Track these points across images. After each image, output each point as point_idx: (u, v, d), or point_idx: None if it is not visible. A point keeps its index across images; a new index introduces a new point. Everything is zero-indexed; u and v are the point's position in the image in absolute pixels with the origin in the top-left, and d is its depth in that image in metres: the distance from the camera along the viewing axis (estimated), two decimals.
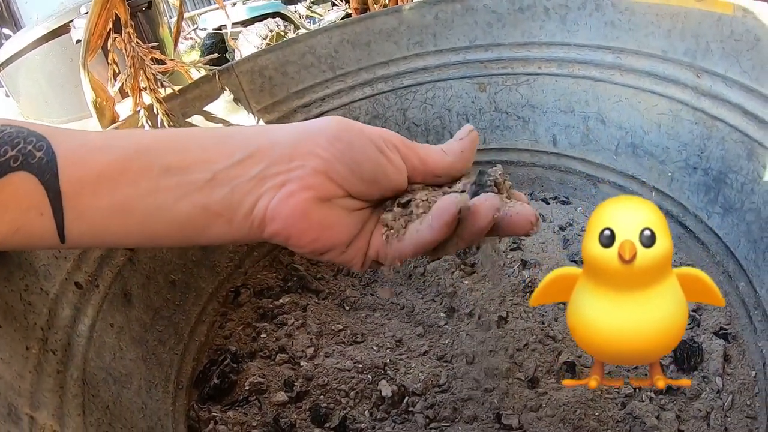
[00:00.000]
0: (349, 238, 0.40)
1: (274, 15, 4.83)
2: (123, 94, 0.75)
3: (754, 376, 0.57)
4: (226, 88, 0.84)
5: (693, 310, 0.64)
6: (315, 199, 0.37)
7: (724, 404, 0.54)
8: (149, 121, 0.72)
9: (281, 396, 0.62)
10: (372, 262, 0.42)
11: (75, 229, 0.37)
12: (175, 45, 0.95)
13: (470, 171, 0.43)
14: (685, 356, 0.58)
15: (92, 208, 0.37)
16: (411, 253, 0.39)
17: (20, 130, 0.37)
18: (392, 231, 0.40)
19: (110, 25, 0.72)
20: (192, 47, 5.46)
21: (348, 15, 4.86)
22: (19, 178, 0.36)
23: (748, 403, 0.54)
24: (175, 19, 0.97)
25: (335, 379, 0.63)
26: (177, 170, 0.37)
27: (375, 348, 0.67)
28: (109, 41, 0.72)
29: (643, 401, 0.56)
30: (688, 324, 0.63)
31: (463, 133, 0.42)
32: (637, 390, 0.57)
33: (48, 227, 0.37)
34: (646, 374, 0.58)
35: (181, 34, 5.36)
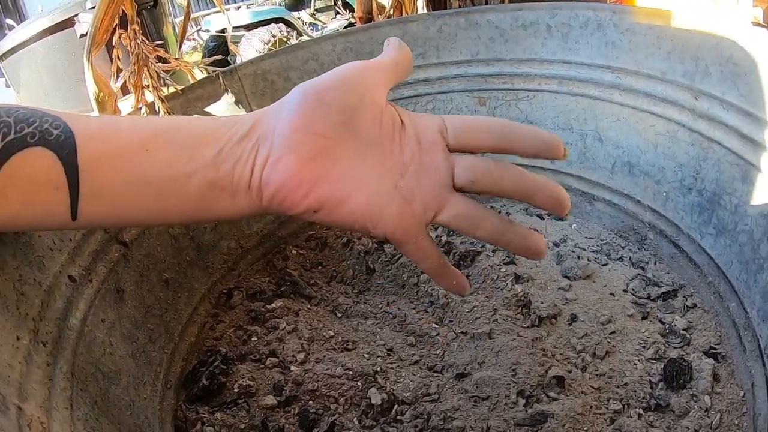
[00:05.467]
0: (352, 188, 0.41)
1: (277, 20, 4.86)
2: (125, 90, 0.75)
3: (743, 396, 0.57)
4: (229, 90, 0.84)
5: (684, 329, 0.65)
6: (300, 158, 0.40)
7: (712, 423, 0.55)
8: None
9: (270, 400, 0.62)
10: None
11: (88, 207, 0.39)
12: (180, 45, 0.95)
13: None
14: (675, 374, 0.58)
15: (109, 183, 0.39)
16: None
17: (34, 110, 0.38)
18: None
19: (117, 21, 0.72)
20: (194, 48, 5.47)
21: (351, 24, 4.89)
22: (36, 153, 0.37)
23: (736, 422, 0.55)
24: (179, 19, 0.98)
25: (325, 385, 0.63)
26: (190, 146, 0.40)
27: (366, 356, 0.67)
28: (115, 37, 0.72)
29: (631, 417, 0.56)
30: (678, 342, 0.63)
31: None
32: (626, 406, 0.58)
33: (61, 202, 0.38)
34: (635, 391, 0.58)
35: (186, 34, 5.38)
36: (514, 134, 0.44)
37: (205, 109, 0.82)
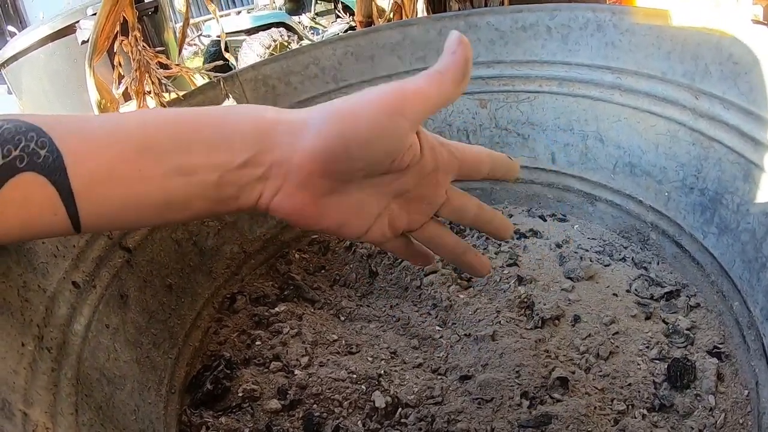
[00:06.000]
0: (352, 216, 0.44)
1: (278, 25, 4.87)
2: (127, 96, 0.75)
3: (747, 395, 0.57)
4: (230, 95, 0.84)
5: (687, 329, 0.65)
6: (313, 196, 0.41)
7: (716, 422, 0.54)
8: None
9: (274, 404, 0.62)
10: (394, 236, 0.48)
11: (90, 219, 0.38)
12: (180, 50, 0.96)
13: None
14: (678, 374, 0.58)
15: (106, 199, 0.37)
16: None
17: (17, 124, 0.36)
18: None
19: (118, 28, 0.72)
20: (195, 53, 5.48)
21: (351, 28, 4.90)
22: (28, 179, 0.36)
23: (740, 421, 0.55)
24: (180, 24, 0.98)
25: (329, 389, 0.63)
26: (186, 172, 0.38)
27: (369, 359, 0.67)
28: (116, 44, 0.72)
29: (636, 418, 0.56)
30: (682, 342, 0.63)
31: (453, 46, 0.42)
32: (630, 407, 0.57)
33: (63, 223, 0.37)
34: (639, 391, 0.58)
35: (186, 39, 5.39)
36: (501, 166, 0.50)
37: None
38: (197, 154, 0.38)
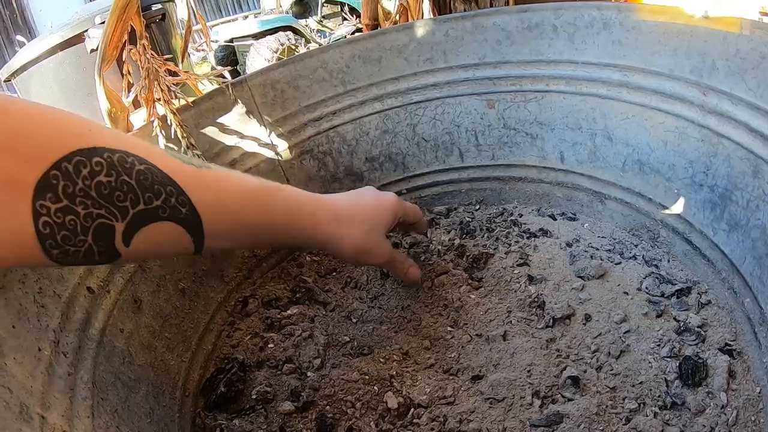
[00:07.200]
0: (381, 249, 0.68)
1: (285, 29, 4.88)
2: (136, 104, 0.76)
3: (759, 392, 0.57)
4: (239, 100, 0.85)
5: (698, 326, 0.64)
6: (360, 248, 0.64)
7: (728, 420, 0.54)
8: (163, 132, 0.74)
9: (287, 406, 0.63)
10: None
11: (209, 250, 0.50)
12: (183, 58, 0.96)
13: None
14: (690, 372, 0.58)
15: (227, 244, 0.53)
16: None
17: (152, 171, 0.43)
18: None
19: (126, 36, 0.73)
20: (204, 59, 5.51)
21: (358, 30, 4.91)
22: (169, 227, 0.45)
23: (753, 419, 0.54)
24: (195, 27, 0.99)
25: (342, 390, 0.63)
26: (293, 236, 0.59)
27: (381, 360, 0.68)
28: (124, 52, 0.73)
29: (647, 416, 0.56)
30: (693, 340, 0.63)
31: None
32: (641, 405, 0.57)
33: (187, 255, 0.50)
34: (651, 389, 0.58)
35: (194, 45, 5.40)
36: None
37: (217, 120, 0.83)
38: (305, 229, 0.60)
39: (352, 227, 0.63)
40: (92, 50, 2.54)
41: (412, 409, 0.61)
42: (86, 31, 2.53)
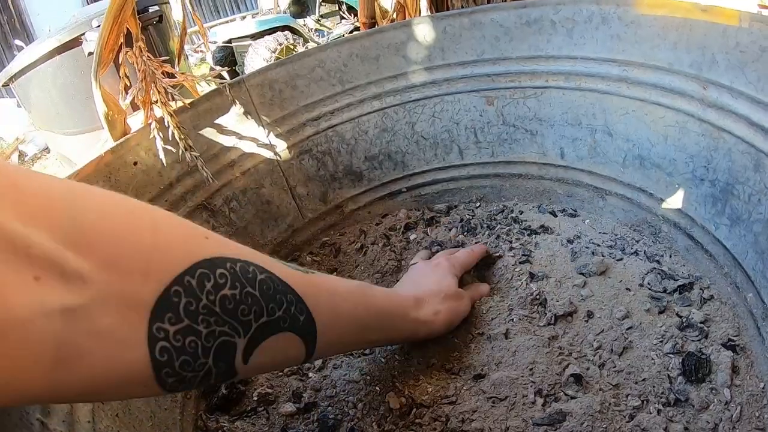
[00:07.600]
0: (462, 304, 0.70)
1: (283, 28, 4.88)
2: (134, 107, 0.76)
3: (763, 388, 0.56)
4: (237, 101, 0.85)
5: (701, 322, 0.64)
6: (448, 320, 0.66)
7: (732, 416, 0.54)
8: (160, 134, 0.73)
9: (289, 407, 0.62)
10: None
11: (314, 358, 0.52)
12: (179, 60, 0.96)
13: None
14: (693, 368, 0.58)
15: (335, 349, 0.57)
16: None
17: (272, 279, 0.42)
18: None
19: (122, 39, 0.73)
20: (202, 60, 5.51)
21: (356, 28, 4.90)
22: (288, 338, 0.44)
23: (757, 414, 0.54)
24: (191, 29, 0.99)
25: (343, 391, 0.63)
26: (398, 325, 0.61)
27: (383, 360, 0.68)
28: (121, 55, 0.73)
29: (651, 413, 0.55)
30: (696, 336, 0.63)
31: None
32: (645, 402, 0.57)
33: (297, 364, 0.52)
34: (654, 386, 0.58)
35: (192, 46, 5.40)
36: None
37: (215, 122, 0.83)
38: (396, 328, 0.61)
39: (434, 305, 0.65)
40: (90, 53, 2.54)
41: (414, 409, 0.60)
42: (84, 34, 2.53)
